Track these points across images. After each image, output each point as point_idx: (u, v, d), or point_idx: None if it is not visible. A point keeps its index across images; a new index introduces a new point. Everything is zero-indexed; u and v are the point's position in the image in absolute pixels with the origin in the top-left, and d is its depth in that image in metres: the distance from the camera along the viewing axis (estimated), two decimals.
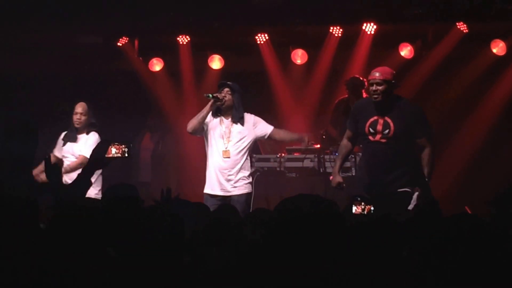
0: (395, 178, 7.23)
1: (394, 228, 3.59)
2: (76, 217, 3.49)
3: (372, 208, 4.93)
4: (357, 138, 7.51)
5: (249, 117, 8.04)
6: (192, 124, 7.96)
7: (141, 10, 10.54)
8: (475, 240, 3.09)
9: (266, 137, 8.13)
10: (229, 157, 7.89)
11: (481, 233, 3.12)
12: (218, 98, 7.89)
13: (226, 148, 7.91)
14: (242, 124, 7.98)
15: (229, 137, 7.93)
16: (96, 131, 8.55)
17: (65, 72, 11.34)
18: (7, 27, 10.41)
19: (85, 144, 8.38)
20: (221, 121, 7.98)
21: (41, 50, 11.05)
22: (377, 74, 7.19)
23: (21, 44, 11.00)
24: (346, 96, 10.00)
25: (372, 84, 7.23)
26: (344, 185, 7.48)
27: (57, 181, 4.38)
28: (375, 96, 7.21)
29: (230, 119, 7.98)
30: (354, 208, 4.78)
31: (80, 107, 8.57)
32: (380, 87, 7.17)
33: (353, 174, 9.11)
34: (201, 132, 8.01)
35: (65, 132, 8.63)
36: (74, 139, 8.52)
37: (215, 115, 8.00)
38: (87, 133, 8.54)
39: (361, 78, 9.83)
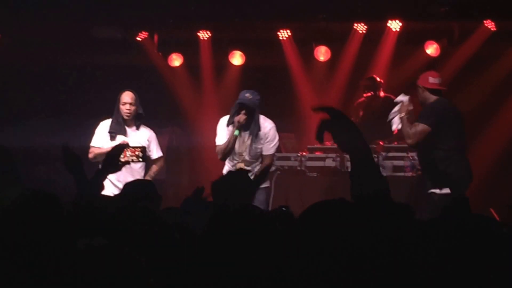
0: None
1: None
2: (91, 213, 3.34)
3: None
4: None
5: (267, 127, 7.80)
6: (223, 155, 7.72)
7: (162, 5, 10.37)
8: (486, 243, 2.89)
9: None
10: (247, 161, 7.72)
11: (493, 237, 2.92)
12: (240, 129, 7.64)
13: (242, 155, 7.70)
14: (257, 135, 7.75)
15: (242, 155, 7.75)
16: (145, 124, 7.96)
17: (84, 66, 11.23)
18: (27, 22, 10.31)
19: (143, 142, 7.77)
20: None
21: (60, 45, 10.93)
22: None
23: (40, 39, 10.92)
24: (363, 98, 9.98)
25: None
26: None
27: (79, 174, 4.06)
28: None
29: (246, 132, 7.74)
30: None
31: (128, 96, 7.79)
32: None
33: None
34: None
35: (105, 122, 7.86)
36: (124, 133, 7.77)
37: (229, 125, 7.80)
38: (138, 127, 7.87)
39: (378, 79, 10.03)
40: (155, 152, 7.99)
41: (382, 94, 9.95)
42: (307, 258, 2.68)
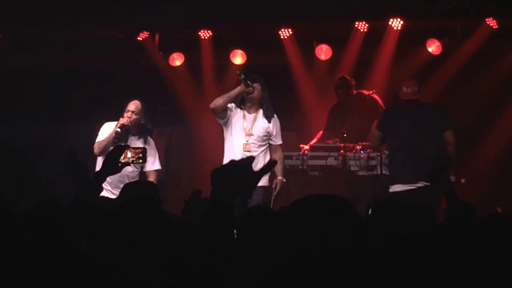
0: None
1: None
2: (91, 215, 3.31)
3: None
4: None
5: (275, 120, 7.92)
6: (217, 101, 7.75)
7: (162, 4, 10.34)
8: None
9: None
10: (249, 151, 7.67)
11: None
12: (249, 83, 7.70)
13: (247, 141, 7.70)
14: (269, 121, 7.85)
15: (251, 132, 7.72)
16: (150, 136, 7.75)
17: (85, 67, 11.21)
18: (27, 22, 10.30)
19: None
20: (244, 116, 7.78)
21: (61, 45, 10.91)
22: None
23: (42, 41, 10.91)
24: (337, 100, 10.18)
25: None
26: None
27: (84, 182, 3.95)
28: None
29: (255, 114, 7.85)
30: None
31: (133, 105, 7.64)
32: None
33: (378, 173, 8.93)
34: (222, 115, 7.81)
35: (110, 124, 7.64)
36: (126, 140, 7.54)
37: (239, 106, 7.81)
38: (139, 138, 7.68)
39: (349, 78, 10.07)
40: (150, 164, 7.78)
41: (354, 92, 9.97)
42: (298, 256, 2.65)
